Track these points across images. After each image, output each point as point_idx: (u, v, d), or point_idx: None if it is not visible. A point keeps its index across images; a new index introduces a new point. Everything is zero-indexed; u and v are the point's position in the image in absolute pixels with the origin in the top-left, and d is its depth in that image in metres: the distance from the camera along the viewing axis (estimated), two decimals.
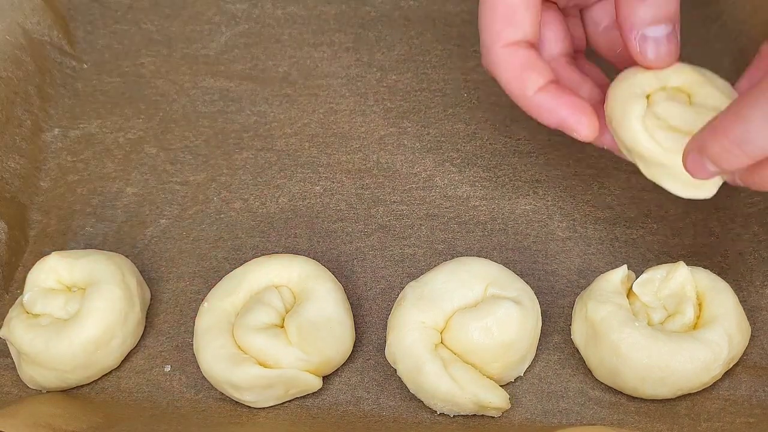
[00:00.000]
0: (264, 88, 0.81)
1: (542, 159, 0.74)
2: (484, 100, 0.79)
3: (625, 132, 0.58)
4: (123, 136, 0.79)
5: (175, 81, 0.83)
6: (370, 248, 0.70)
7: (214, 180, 0.75)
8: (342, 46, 0.84)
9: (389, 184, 0.74)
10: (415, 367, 0.57)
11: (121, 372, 0.64)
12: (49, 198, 0.75)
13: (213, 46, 0.85)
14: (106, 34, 0.86)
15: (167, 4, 0.88)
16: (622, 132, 0.58)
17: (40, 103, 0.79)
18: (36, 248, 0.72)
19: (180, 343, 0.65)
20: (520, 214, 0.71)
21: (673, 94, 0.59)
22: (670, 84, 0.59)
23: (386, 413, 0.60)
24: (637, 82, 0.59)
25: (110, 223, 0.73)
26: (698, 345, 0.57)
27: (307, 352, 0.59)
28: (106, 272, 0.63)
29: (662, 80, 0.59)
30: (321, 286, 0.62)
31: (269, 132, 0.78)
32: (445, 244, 0.70)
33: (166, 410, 0.61)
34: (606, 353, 0.58)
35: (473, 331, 0.57)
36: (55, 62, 0.82)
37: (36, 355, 0.61)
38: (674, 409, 0.58)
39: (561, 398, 0.60)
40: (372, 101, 0.79)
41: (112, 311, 0.62)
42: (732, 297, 0.60)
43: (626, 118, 0.58)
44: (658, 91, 0.59)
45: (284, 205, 0.73)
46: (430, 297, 0.59)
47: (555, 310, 0.64)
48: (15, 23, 0.80)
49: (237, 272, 0.64)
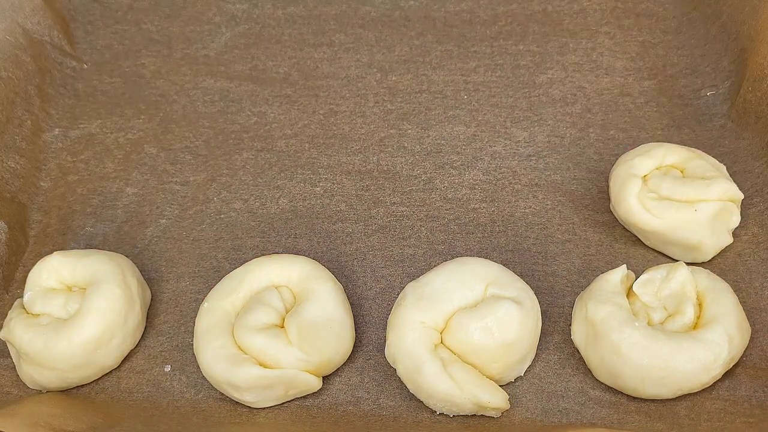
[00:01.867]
0: (264, 88, 0.81)
1: (542, 163, 0.74)
2: (484, 103, 0.79)
3: (622, 207, 0.66)
4: (123, 136, 0.79)
5: (175, 81, 0.83)
6: (370, 248, 0.70)
7: (214, 180, 0.75)
8: (342, 46, 0.84)
9: (389, 186, 0.74)
10: (415, 367, 0.57)
11: (121, 372, 0.64)
12: (49, 198, 0.75)
13: (213, 47, 0.85)
14: (106, 35, 0.86)
15: (167, 5, 0.88)
16: (620, 208, 0.67)
17: (41, 103, 0.79)
18: (36, 248, 0.72)
19: (180, 343, 0.65)
20: (520, 217, 0.71)
21: (668, 170, 0.67)
22: (666, 163, 0.68)
23: (386, 413, 0.60)
24: (634, 164, 0.67)
25: (110, 223, 0.73)
26: (698, 345, 0.57)
27: (307, 352, 0.59)
28: (108, 272, 0.63)
29: (658, 161, 0.68)
30: (321, 286, 0.62)
31: (269, 133, 0.78)
32: (445, 245, 0.70)
33: (166, 410, 0.61)
34: (606, 353, 0.58)
35: (473, 331, 0.57)
36: (56, 62, 0.82)
37: (35, 355, 0.61)
38: (674, 409, 0.58)
39: (561, 398, 0.60)
40: (372, 102, 0.79)
41: (112, 311, 0.62)
42: (732, 297, 0.60)
43: (623, 196, 0.66)
44: (654, 170, 0.67)
45: (284, 206, 0.73)
46: (430, 297, 0.59)
47: (555, 310, 0.64)
48: (15, 23, 0.80)
49: (237, 272, 0.64)
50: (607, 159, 0.74)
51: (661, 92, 0.78)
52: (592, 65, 0.80)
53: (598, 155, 0.74)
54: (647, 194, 0.66)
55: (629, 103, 0.78)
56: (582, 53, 0.81)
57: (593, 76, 0.80)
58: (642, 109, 0.77)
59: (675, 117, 0.76)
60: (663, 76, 0.79)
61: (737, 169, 0.71)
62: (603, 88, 0.79)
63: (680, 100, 0.77)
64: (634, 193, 0.65)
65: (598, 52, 0.81)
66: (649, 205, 0.65)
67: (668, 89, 0.78)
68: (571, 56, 0.81)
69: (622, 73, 0.80)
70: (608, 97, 0.78)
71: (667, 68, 0.80)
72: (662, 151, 0.68)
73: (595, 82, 0.79)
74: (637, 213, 0.65)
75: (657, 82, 0.79)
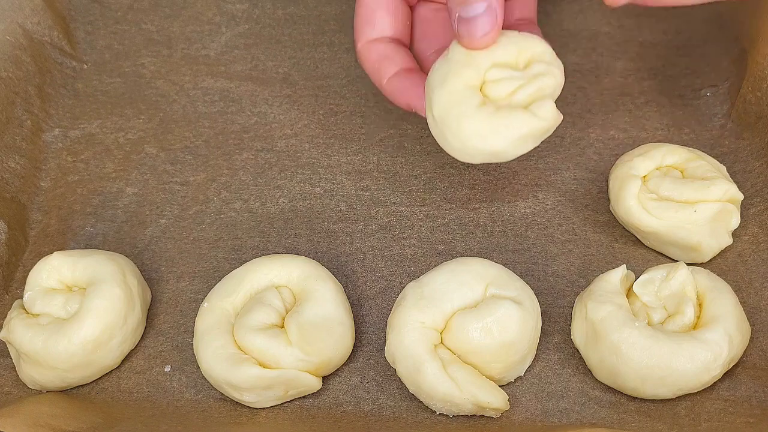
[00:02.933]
0: (264, 88, 0.81)
1: (542, 163, 0.74)
2: None
3: (621, 208, 0.66)
4: (123, 136, 0.79)
5: (175, 81, 0.83)
6: (370, 248, 0.70)
7: (214, 180, 0.75)
8: (342, 46, 0.84)
9: (389, 186, 0.74)
10: (414, 368, 0.57)
11: (121, 372, 0.64)
12: (49, 198, 0.75)
13: (213, 47, 0.85)
14: (106, 35, 0.86)
15: (167, 5, 0.88)
16: (620, 209, 0.67)
17: (41, 103, 0.79)
18: (36, 248, 0.72)
19: (180, 343, 0.65)
20: (520, 217, 0.71)
21: (668, 170, 0.67)
22: (665, 163, 0.68)
23: (386, 413, 0.60)
24: (633, 165, 0.67)
25: (110, 223, 0.73)
26: (698, 345, 0.57)
27: (307, 352, 0.59)
28: (108, 272, 0.63)
29: (657, 161, 0.68)
30: (321, 287, 0.62)
31: (269, 133, 0.78)
32: (445, 245, 0.70)
33: (166, 410, 0.61)
34: (606, 353, 0.58)
35: (473, 332, 0.57)
36: (56, 62, 0.83)
37: (35, 354, 0.61)
38: (674, 409, 0.58)
39: (561, 398, 0.60)
40: (372, 103, 0.79)
41: (111, 311, 0.62)
42: (732, 297, 0.60)
43: (622, 197, 0.66)
44: (654, 170, 0.67)
45: (284, 206, 0.73)
46: (430, 297, 0.59)
47: (555, 310, 0.64)
48: (15, 24, 0.80)
49: (237, 272, 0.64)
50: (607, 159, 0.74)
51: (661, 92, 0.78)
52: (592, 65, 0.80)
53: (598, 155, 0.74)
54: (647, 195, 0.65)
55: (629, 103, 0.78)
56: (582, 53, 0.81)
57: (593, 76, 0.80)
58: (642, 109, 0.77)
59: (675, 117, 0.76)
60: (663, 76, 0.79)
61: (737, 169, 0.71)
62: (603, 88, 0.79)
63: (680, 100, 0.77)
64: (634, 194, 0.65)
65: (598, 52, 0.81)
66: (648, 205, 0.65)
67: (668, 89, 0.78)
68: (571, 56, 0.81)
69: (622, 74, 0.80)
70: (608, 97, 0.78)
71: (667, 68, 0.80)
72: (662, 152, 0.68)
73: (595, 82, 0.79)
74: (636, 214, 0.65)
75: (657, 82, 0.79)
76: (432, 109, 0.60)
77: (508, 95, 0.59)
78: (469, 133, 0.58)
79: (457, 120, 0.58)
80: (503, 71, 0.59)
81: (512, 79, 0.59)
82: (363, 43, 0.68)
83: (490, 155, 0.59)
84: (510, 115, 0.58)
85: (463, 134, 0.58)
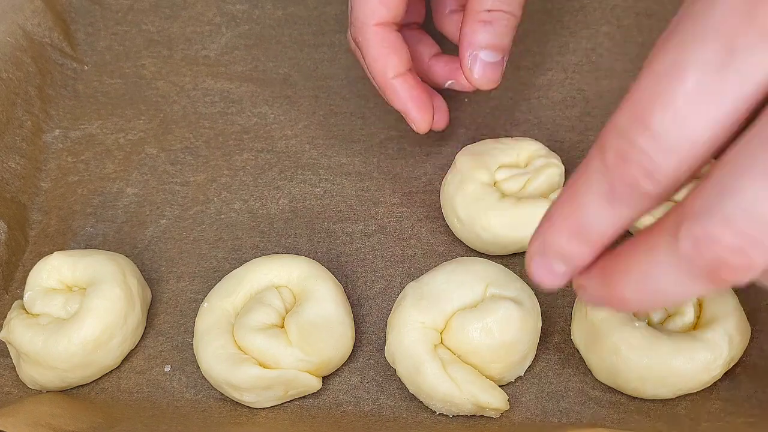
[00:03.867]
0: (264, 89, 0.81)
1: None
2: (484, 105, 0.79)
3: None
4: (123, 136, 0.79)
5: (175, 82, 0.83)
6: (370, 249, 0.70)
7: (214, 181, 0.75)
8: (342, 47, 0.84)
9: (389, 187, 0.74)
10: (414, 368, 0.57)
11: (121, 372, 0.64)
12: (49, 198, 0.75)
13: (213, 48, 0.85)
14: (106, 36, 0.87)
15: (168, 6, 0.88)
16: None
17: (41, 104, 0.80)
18: (36, 248, 0.72)
19: (180, 343, 0.65)
20: None
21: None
22: None
23: (386, 413, 0.60)
24: None
25: (110, 223, 0.73)
26: (698, 345, 0.57)
27: (307, 352, 0.59)
28: (108, 272, 0.64)
29: None
30: (321, 287, 0.62)
31: (269, 133, 0.78)
32: (445, 245, 0.70)
33: (166, 410, 0.61)
34: (606, 353, 0.58)
35: (473, 332, 0.57)
36: (56, 63, 0.83)
37: (35, 354, 0.61)
38: (674, 409, 0.58)
39: (561, 398, 0.60)
40: (372, 104, 0.79)
41: (111, 311, 0.62)
42: (732, 297, 0.60)
43: None
44: None
45: (284, 206, 0.73)
46: (430, 297, 0.59)
47: (555, 310, 0.64)
48: (16, 25, 0.80)
49: (237, 272, 0.64)
50: None
51: None
52: (592, 66, 0.80)
53: None
54: None
55: None
56: (582, 54, 0.81)
57: (593, 78, 0.80)
58: None
59: None
60: None
61: None
62: (603, 90, 0.79)
63: None
64: None
65: (598, 53, 0.81)
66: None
67: None
68: (571, 57, 0.81)
69: (622, 75, 0.80)
70: (608, 99, 0.78)
71: None
72: None
73: (595, 84, 0.79)
74: None
75: None
76: (456, 214, 0.66)
77: (521, 189, 0.66)
78: (500, 224, 0.64)
79: (485, 214, 0.64)
80: (510, 170, 0.67)
81: (521, 175, 0.67)
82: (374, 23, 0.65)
83: (523, 245, 0.62)
84: (534, 204, 0.64)
85: (494, 227, 0.64)
